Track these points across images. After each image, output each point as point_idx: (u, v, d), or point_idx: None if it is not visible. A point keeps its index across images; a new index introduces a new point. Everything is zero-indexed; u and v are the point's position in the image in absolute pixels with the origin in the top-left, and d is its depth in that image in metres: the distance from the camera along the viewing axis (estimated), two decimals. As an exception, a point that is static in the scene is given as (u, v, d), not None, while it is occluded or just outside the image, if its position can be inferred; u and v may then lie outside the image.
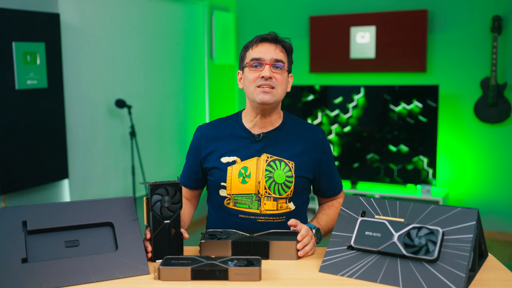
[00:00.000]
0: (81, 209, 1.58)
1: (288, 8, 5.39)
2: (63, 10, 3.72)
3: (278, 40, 1.85)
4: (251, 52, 1.84)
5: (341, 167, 5.03)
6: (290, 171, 1.84)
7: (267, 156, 1.85)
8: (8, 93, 3.30)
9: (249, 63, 1.82)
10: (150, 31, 4.52)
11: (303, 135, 1.90)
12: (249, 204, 1.83)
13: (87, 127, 3.96)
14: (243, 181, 1.83)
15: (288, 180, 1.83)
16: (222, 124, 1.94)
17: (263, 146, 1.86)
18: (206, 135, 1.92)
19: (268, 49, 1.82)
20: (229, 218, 1.86)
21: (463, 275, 1.35)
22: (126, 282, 1.47)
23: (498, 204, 4.70)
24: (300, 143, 1.88)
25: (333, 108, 4.99)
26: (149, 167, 4.46)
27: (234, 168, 1.84)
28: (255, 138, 1.87)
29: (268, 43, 1.83)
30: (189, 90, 5.03)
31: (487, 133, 4.68)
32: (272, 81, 1.79)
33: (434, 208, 1.49)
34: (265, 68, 1.79)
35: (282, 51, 1.84)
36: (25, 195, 3.53)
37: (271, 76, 1.79)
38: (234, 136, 1.89)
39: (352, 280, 1.47)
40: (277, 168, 1.84)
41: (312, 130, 1.93)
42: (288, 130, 1.90)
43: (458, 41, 4.71)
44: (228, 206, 1.86)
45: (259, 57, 1.81)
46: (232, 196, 1.85)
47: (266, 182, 1.82)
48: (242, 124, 1.90)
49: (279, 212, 1.84)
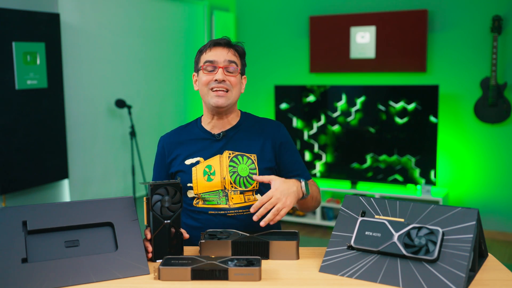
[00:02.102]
0: (81, 209, 1.58)
1: (288, 8, 5.39)
2: (63, 10, 3.72)
3: (231, 45, 1.90)
4: (205, 55, 1.88)
5: (341, 167, 5.03)
6: (253, 163, 1.88)
7: (229, 153, 1.89)
8: (8, 93, 3.30)
9: (203, 66, 1.87)
10: (150, 31, 4.52)
11: (262, 128, 1.95)
12: (217, 200, 1.87)
13: (87, 127, 3.96)
14: (208, 179, 1.87)
15: (252, 172, 1.87)
16: (183, 130, 1.99)
17: (224, 144, 1.90)
18: (169, 142, 1.97)
19: (221, 53, 1.86)
20: (199, 216, 1.89)
21: (463, 275, 1.35)
22: (126, 282, 1.47)
23: (498, 204, 4.70)
24: (260, 136, 1.93)
25: (333, 109, 4.99)
26: (149, 167, 4.45)
27: (198, 168, 1.88)
28: (215, 137, 1.91)
29: (221, 47, 1.87)
30: (189, 90, 5.03)
31: (487, 133, 4.68)
32: (226, 84, 1.84)
33: (434, 208, 1.49)
34: (218, 71, 1.84)
35: (234, 55, 1.88)
36: (25, 195, 3.53)
37: (224, 79, 1.83)
38: (195, 139, 1.94)
39: (352, 280, 1.47)
40: (240, 163, 1.88)
41: (270, 123, 1.98)
42: (247, 127, 1.94)
43: (458, 41, 4.71)
44: (197, 205, 1.89)
45: (212, 59, 1.85)
46: (200, 195, 1.88)
47: (231, 177, 1.86)
48: (202, 127, 1.95)
49: (248, 204, 1.87)
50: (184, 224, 1.95)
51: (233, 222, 1.85)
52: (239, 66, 1.89)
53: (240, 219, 1.86)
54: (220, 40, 1.89)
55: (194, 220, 1.90)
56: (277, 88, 5.23)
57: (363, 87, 4.93)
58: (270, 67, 5.48)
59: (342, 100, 4.96)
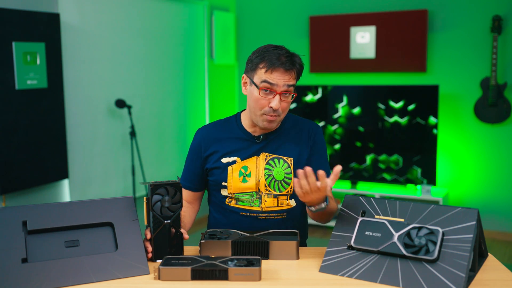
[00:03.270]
0: (81, 209, 1.58)
1: (288, 8, 5.39)
2: (63, 10, 3.72)
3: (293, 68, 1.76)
4: (264, 74, 1.75)
5: (341, 166, 5.02)
6: (289, 168, 1.87)
7: (265, 155, 1.88)
8: (8, 93, 3.30)
9: (260, 86, 1.76)
10: (150, 31, 4.52)
11: (300, 130, 1.94)
12: (250, 202, 1.86)
13: (87, 127, 3.96)
14: (243, 180, 1.86)
15: (287, 177, 1.86)
16: (222, 126, 1.95)
17: (263, 146, 1.89)
18: (207, 136, 1.93)
19: (283, 76, 1.75)
20: (230, 216, 1.88)
21: (463, 275, 1.35)
22: (126, 282, 1.47)
23: (498, 204, 4.70)
24: (297, 136, 1.92)
25: (333, 109, 4.99)
26: (149, 167, 4.46)
27: (234, 168, 1.87)
28: (255, 140, 1.90)
29: (282, 71, 1.75)
30: (189, 90, 5.03)
31: (487, 133, 4.68)
32: (278, 111, 1.78)
33: (434, 208, 1.49)
34: (275, 99, 1.75)
35: (294, 77, 1.78)
36: (25, 195, 3.54)
37: (279, 107, 1.77)
38: (235, 138, 1.91)
39: (352, 280, 1.47)
40: (276, 166, 1.87)
41: (308, 123, 1.97)
42: (287, 130, 1.93)
43: (458, 41, 4.71)
44: (229, 204, 1.88)
45: (272, 82, 1.74)
46: (233, 195, 1.87)
47: (266, 180, 1.85)
48: (242, 126, 1.92)
49: (280, 208, 1.86)
50: (214, 218, 1.93)
51: (264, 225, 1.83)
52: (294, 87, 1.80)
53: (271, 223, 1.85)
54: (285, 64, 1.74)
55: (224, 218, 1.89)
56: (277, 88, 5.22)
57: (363, 87, 4.93)
58: (270, 67, 5.47)
59: (342, 100, 4.96)
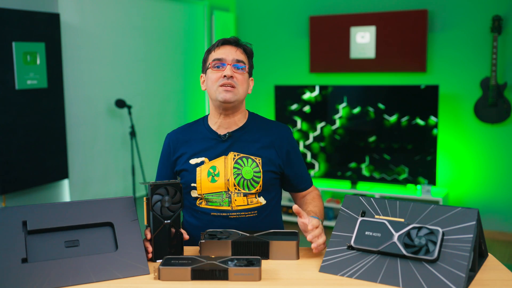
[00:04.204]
0: (81, 209, 1.58)
1: (288, 8, 5.39)
2: (63, 10, 3.72)
3: (239, 44, 1.92)
4: (213, 54, 1.90)
5: (341, 167, 5.03)
6: (257, 167, 1.88)
7: (234, 154, 1.89)
8: (8, 93, 3.30)
9: (211, 64, 1.88)
10: (150, 31, 4.52)
11: (269, 131, 1.95)
12: (220, 202, 1.87)
13: (87, 127, 3.96)
14: (212, 180, 1.87)
15: (256, 175, 1.87)
16: (189, 128, 1.99)
17: (230, 145, 1.90)
18: (175, 139, 1.97)
19: (230, 51, 1.88)
20: (202, 217, 1.89)
21: (463, 275, 1.35)
22: (126, 282, 1.47)
23: (498, 204, 4.70)
24: (266, 139, 1.93)
25: (333, 109, 4.99)
26: (149, 167, 4.46)
27: (203, 169, 1.88)
28: (221, 138, 1.91)
29: (229, 46, 1.90)
30: (189, 90, 5.03)
31: (487, 133, 4.68)
32: (233, 80, 1.85)
33: (434, 208, 1.49)
34: (226, 68, 1.85)
35: (243, 54, 1.91)
36: (25, 195, 3.53)
37: (232, 75, 1.85)
38: (201, 138, 1.94)
39: (352, 280, 1.47)
40: (245, 165, 1.88)
41: (277, 126, 1.98)
42: (253, 129, 1.94)
43: (458, 41, 4.71)
44: (200, 205, 1.89)
45: (221, 57, 1.87)
46: (203, 196, 1.88)
47: (235, 179, 1.86)
48: (209, 126, 1.95)
49: (250, 207, 1.87)
50: (187, 222, 1.94)
51: (235, 224, 1.85)
52: (247, 66, 1.91)
53: (242, 221, 1.86)
54: (229, 38, 1.92)
55: (196, 220, 1.90)
56: (277, 88, 5.23)
57: (363, 87, 4.93)
58: (270, 67, 5.48)
59: (342, 100, 4.95)
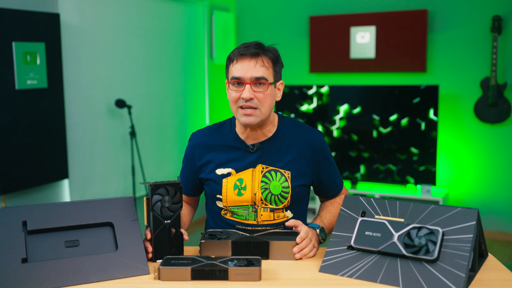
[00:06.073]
0: (81, 209, 1.58)
1: (288, 8, 5.39)
2: (63, 10, 3.72)
3: (259, 53, 1.72)
4: (232, 68, 1.74)
5: (341, 167, 5.03)
6: (286, 181, 1.80)
7: (262, 167, 1.81)
8: (8, 93, 3.30)
9: (230, 82, 1.75)
10: (150, 31, 4.52)
11: (300, 139, 1.84)
12: (245, 216, 1.82)
13: (87, 127, 3.96)
14: (238, 194, 1.80)
15: (284, 191, 1.81)
16: (215, 132, 1.88)
17: (258, 157, 1.81)
18: (200, 143, 1.87)
19: (248, 67, 1.70)
20: (226, 227, 1.85)
21: (463, 275, 1.35)
22: (126, 282, 1.47)
23: (498, 204, 4.70)
24: (296, 148, 1.83)
25: (333, 109, 4.99)
26: (149, 167, 4.46)
27: (229, 181, 1.81)
28: (249, 149, 1.82)
29: (248, 59, 1.71)
30: (189, 90, 5.03)
31: (487, 133, 4.68)
32: (253, 102, 1.71)
33: (434, 208, 1.49)
34: (245, 89, 1.70)
35: (263, 65, 1.72)
36: (25, 195, 3.53)
37: (252, 96, 1.70)
38: (228, 146, 1.84)
39: (352, 280, 1.47)
40: (273, 179, 1.80)
41: (308, 133, 1.87)
42: (283, 138, 1.84)
43: (458, 41, 4.71)
44: (225, 216, 1.85)
45: (239, 76, 1.71)
46: (229, 208, 1.83)
47: (262, 194, 1.79)
48: (236, 133, 1.85)
49: (277, 222, 1.83)
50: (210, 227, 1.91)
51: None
52: (270, 78, 1.73)
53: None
54: (247, 50, 1.71)
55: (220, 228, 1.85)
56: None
57: (363, 87, 4.93)
58: (270, 67, 5.47)
59: (342, 100, 4.95)
